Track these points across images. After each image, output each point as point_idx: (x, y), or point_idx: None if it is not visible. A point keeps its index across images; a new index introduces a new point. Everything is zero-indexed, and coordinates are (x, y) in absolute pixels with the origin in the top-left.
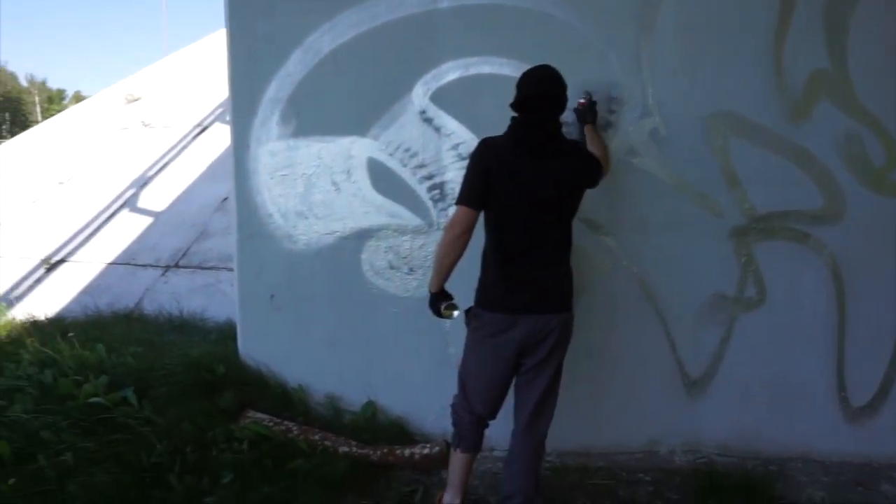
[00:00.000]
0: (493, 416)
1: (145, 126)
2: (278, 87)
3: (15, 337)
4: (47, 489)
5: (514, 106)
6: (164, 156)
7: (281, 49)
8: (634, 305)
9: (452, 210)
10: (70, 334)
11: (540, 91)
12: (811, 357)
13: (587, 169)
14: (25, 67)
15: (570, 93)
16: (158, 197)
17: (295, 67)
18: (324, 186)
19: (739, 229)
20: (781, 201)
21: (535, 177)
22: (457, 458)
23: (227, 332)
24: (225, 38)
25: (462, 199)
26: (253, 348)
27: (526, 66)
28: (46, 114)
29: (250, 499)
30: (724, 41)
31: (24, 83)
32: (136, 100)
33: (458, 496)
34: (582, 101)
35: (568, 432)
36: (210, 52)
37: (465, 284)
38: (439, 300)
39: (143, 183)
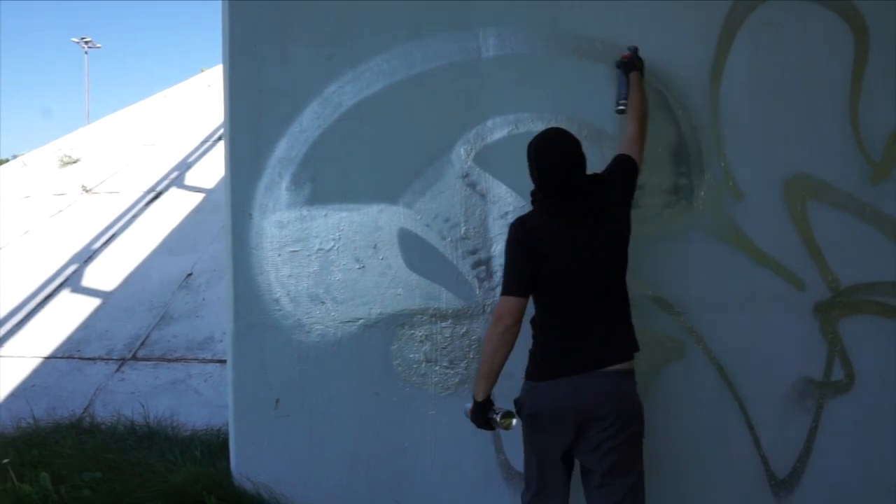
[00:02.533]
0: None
1: (86, 191)
2: (289, 146)
3: None
4: None
5: (536, 181)
6: (111, 226)
7: (294, 101)
8: (710, 395)
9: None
10: (5, 460)
11: (550, 165)
12: None
13: (622, 192)
14: None
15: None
16: (107, 274)
17: (310, 123)
18: (345, 264)
19: (823, 304)
20: (867, 272)
21: (584, 240)
22: None
23: (210, 444)
24: (220, 93)
25: (510, 289)
26: (251, 468)
27: (584, 125)
28: None
29: None
30: (801, 98)
31: None
32: (73, 161)
33: None
34: (626, 53)
35: None
36: (157, 111)
37: None
38: (488, 409)
39: (86, 257)
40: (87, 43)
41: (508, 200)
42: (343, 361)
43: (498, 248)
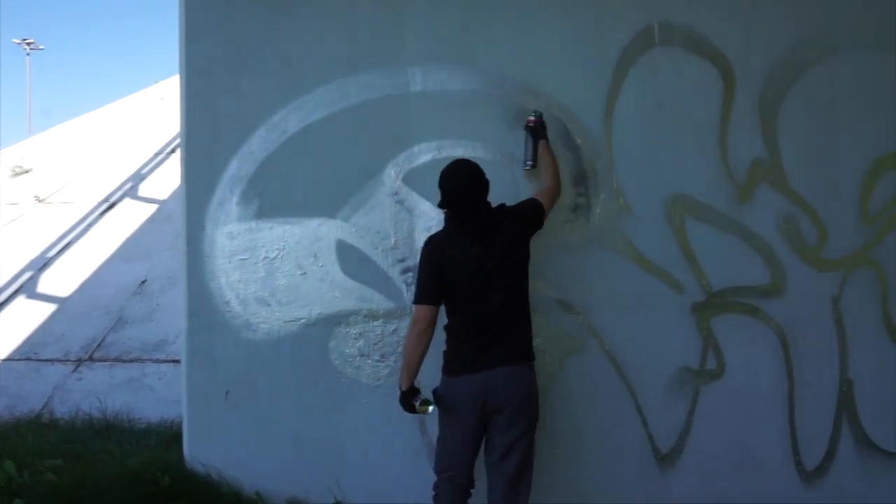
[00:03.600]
0: (472, 482)
1: (39, 201)
2: (239, 166)
3: None
4: None
5: (441, 206)
6: (66, 234)
7: (244, 127)
8: (606, 382)
9: None
10: None
11: (458, 187)
12: (768, 424)
13: (523, 225)
14: None
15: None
16: (62, 280)
17: (259, 146)
18: (288, 270)
19: (699, 305)
20: (734, 277)
21: (480, 257)
22: None
23: (164, 435)
24: (176, 112)
25: (420, 299)
26: (202, 452)
27: (497, 150)
28: None
29: None
30: (678, 131)
31: None
32: (25, 171)
33: None
34: (531, 118)
35: None
36: (110, 122)
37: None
38: (411, 397)
39: (41, 265)
40: (28, 44)
41: (432, 215)
42: (287, 356)
43: None
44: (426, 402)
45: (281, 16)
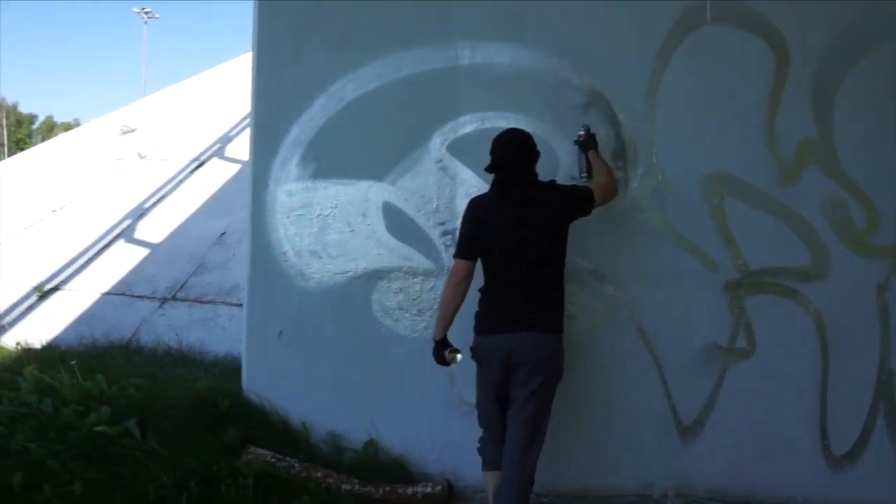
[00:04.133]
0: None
1: (141, 158)
2: (300, 131)
3: (9, 364)
4: None
5: (489, 170)
6: (161, 188)
7: (305, 94)
8: (633, 352)
9: None
10: (72, 362)
11: (507, 155)
12: (797, 406)
13: (567, 203)
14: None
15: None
16: (155, 229)
17: (318, 112)
18: (339, 227)
19: (733, 284)
20: (771, 258)
21: (516, 224)
22: (488, 478)
23: (228, 367)
24: (247, 77)
25: (458, 253)
26: (257, 384)
27: (540, 123)
28: (14, 136)
29: None
30: (724, 109)
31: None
32: (131, 131)
33: None
34: (581, 133)
35: (566, 475)
36: (205, 87)
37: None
38: (442, 347)
39: (139, 214)
40: (146, 13)
41: (473, 183)
42: (334, 305)
43: None
44: (455, 352)
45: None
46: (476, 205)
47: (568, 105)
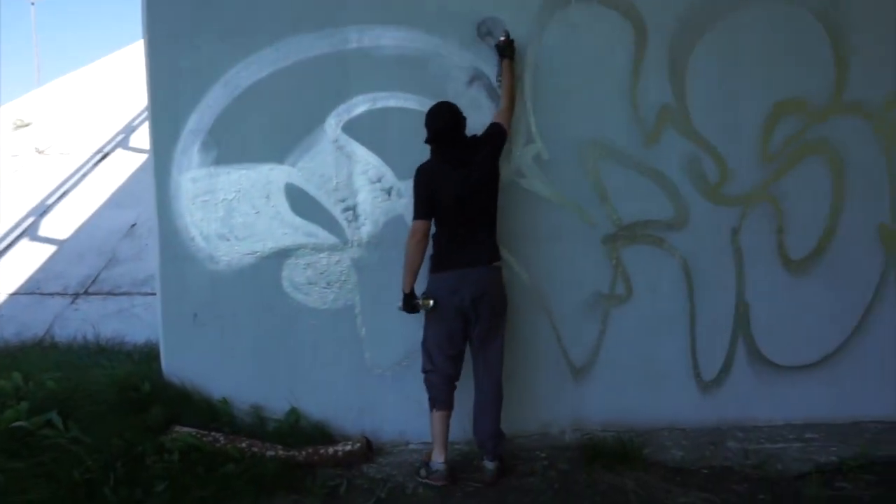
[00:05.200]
0: (457, 375)
1: (39, 153)
2: (199, 119)
3: None
4: None
5: (427, 142)
6: (64, 183)
7: (202, 83)
8: (526, 305)
9: (365, 228)
10: None
11: (439, 125)
12: (671, 342)
13: (492, 147)
14: None
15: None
16: (61, 225)
17: (215, 100)
18: (244, 210)
19: (609, 237)
20: (641, 212)
21: (461, 180)
22: (435, 418)
23: (148, 353)
24: (141, 66)
25: (417, 215)
26: (177, 366)
27: (427, 101)
28: None
29: (185, 502)
30: (591, 81)
31: None
32: (25, 125)
33: (443, 453)
34: (502, 38)
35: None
36: (102, 76)
37: None
38: (413, 297)
39: (42, 211)
40: None
41: (368, 160)
42: (245, 284)
43: (361, 197)
44: (427, 299)
45: None
46: (423, 172)
47: (452, 82)
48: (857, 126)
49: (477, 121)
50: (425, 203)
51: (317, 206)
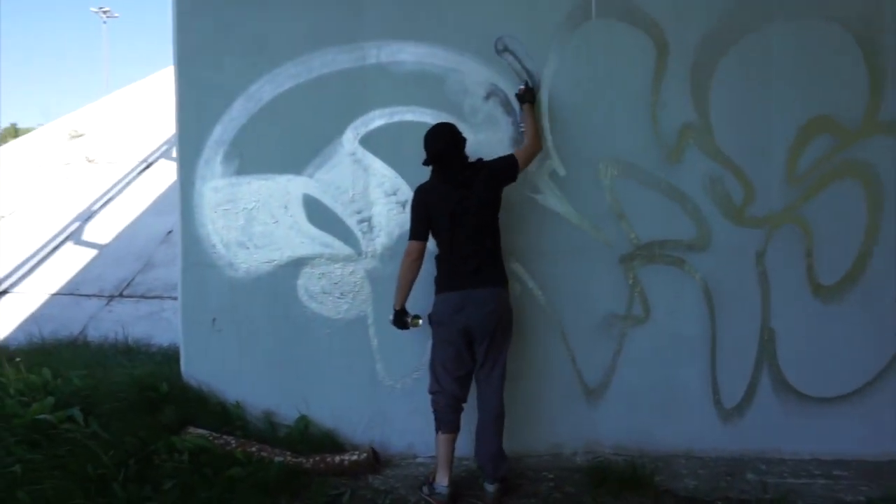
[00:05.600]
0: (464, 396)
1: (89, 161)
2: (223, 131)
3: None
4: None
5: (426, 163)
6: (109, 190)
7: (226, 97)
8: (540, 323)
9: (379, 240)
10: (17, 359)
11: (439, 147)
12: (690, 366)
13: (497, 176)
14: None
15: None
16: (103, 230)
17: (238, 113)
18: (263, 219)
19: (626, 256)
20: (660, 232)
21: (459, 201)
22: (441, 441)
23: (171, 356)
24: (173, 83)
25: (412, 236)
26: (195, 369)
27: (444, 115)
28: None
29: (191, 502)
30: (611, 98)
31: None
32: (79, 136)
33: (447, 475)
34: (521, 87)
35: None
36: (153, 90)
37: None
38: (403, 315)
39: (87, 216)
40: (105, 13)
41: (384, 173)
42: (262, 292)
43: (376, 209)
44: (416, 318)
45: (257, 1)
46: (421, 192)
47: (469, 97)
48: (893, 147)
49: (493, 137)
50: (422, 223)
51: (333, 217)
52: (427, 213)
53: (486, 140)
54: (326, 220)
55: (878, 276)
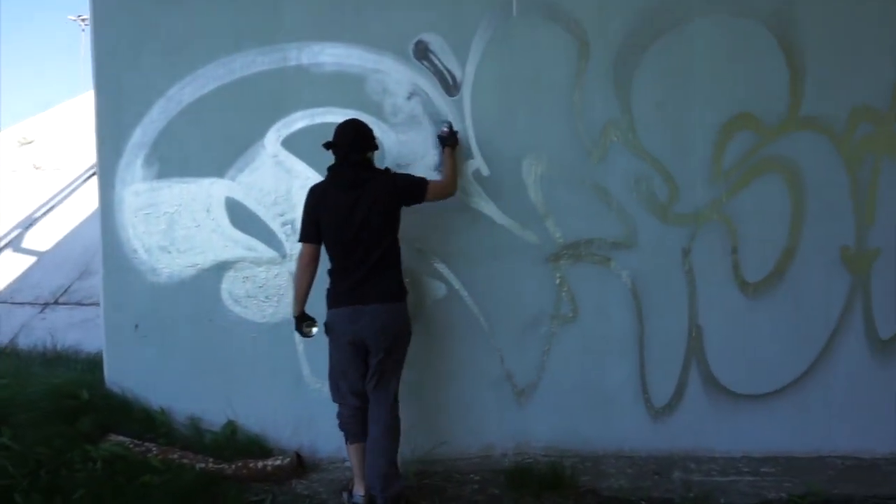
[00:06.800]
0: (365, 403)
1: (36, 168)
2: (142, 133)
3: None
4: None
5: (326, 146)
6: (53, 198)
7: (145, 99)
8: (467, 325)
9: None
10: None
11: (341, 138)
12: (619, 365)
13: (398, 188)
14: None
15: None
16: (44, 237)
17: (158, 116)
18: (185, 223)
19: (553, 256)
20: (586, 231)
21: (349, 204)
22: (351, 451)
23: (97, 362)
24: (93, 88)
25: (301, 238)
26: (118, 375)
27: (365, 116)
28: None
29: None
30: (534, 95)
31: None
32: (28, 143)
33: (362, 484)
34: (444, 129)
35: (414, 443)
36: None
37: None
38: (301, 321)
39: (28, 224)
40: (83, 20)
41: (307, 175)
42: (185, 296)
43: (300, 211)
44: (311, 325)
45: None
46: (313, 192)
47: (390, 97)
48: (816, 142)
49: (416, 137)
50: (311, 225)
51: (256, 220)
52: (316, 215)
53: (409, 140)
54: (250, 223)
55: (804, 270)
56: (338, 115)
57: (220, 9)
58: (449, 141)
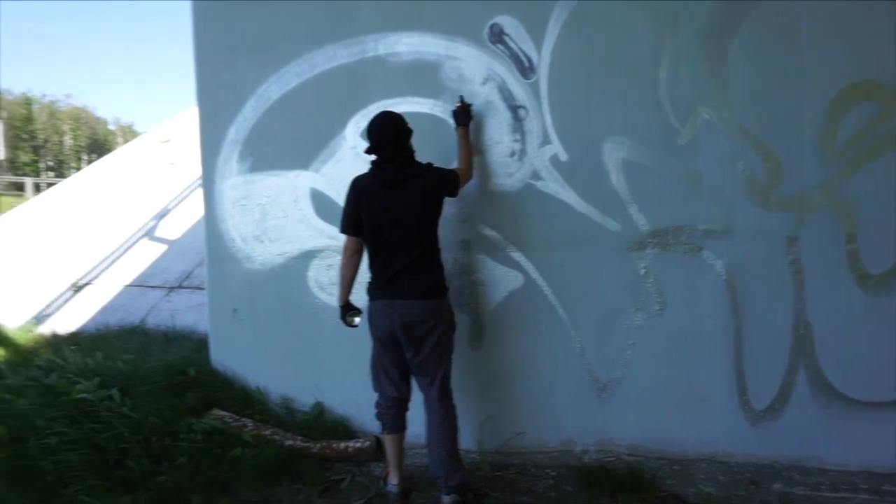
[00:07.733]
0: (402, 396)
1: (172, 165)
2: (237, 131)
3: (36, 349)
4: (31, 464)
5: (368, 152)
6: (184, 191)
7: (239, 97)
8: (544, 316)
9: None
10: (75, 346)
11: (379, 137)
12: (712, 362)
13: (437, 184)
14: (114, 113)
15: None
16: (174, 227)
17: (250, 113)
18: (275, 214)
19: (636, 244)
20: (673, 218)
21: (390, 202)
22: (386, 441)
23: (206, 343)
24: (195, 88)
25: (342, 229)
26: (222, 355)
27: (440, 104)
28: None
29: (197, 478)
30: (614, 75)
31: (111, 127)
32: (167, 141)
33: (396, 473)
34: (458, 104)
35: (491, 433)
36: None
37: None
38: (345, 311)
39: (162, 215)
40: None
41: None
42: (276, 283)
43: None
44: (354, 315)
45: (263, 2)
46: (355, 187)
47: (466, 84)
48: None
49: (492, 122)
50: (351, 217)
51: (338, 210)
52: (356, 208)
53: (485, 126)
54: (333, 213)
55: None
56: (413, 105)
57: (302, 7)
58: (461, 119)
